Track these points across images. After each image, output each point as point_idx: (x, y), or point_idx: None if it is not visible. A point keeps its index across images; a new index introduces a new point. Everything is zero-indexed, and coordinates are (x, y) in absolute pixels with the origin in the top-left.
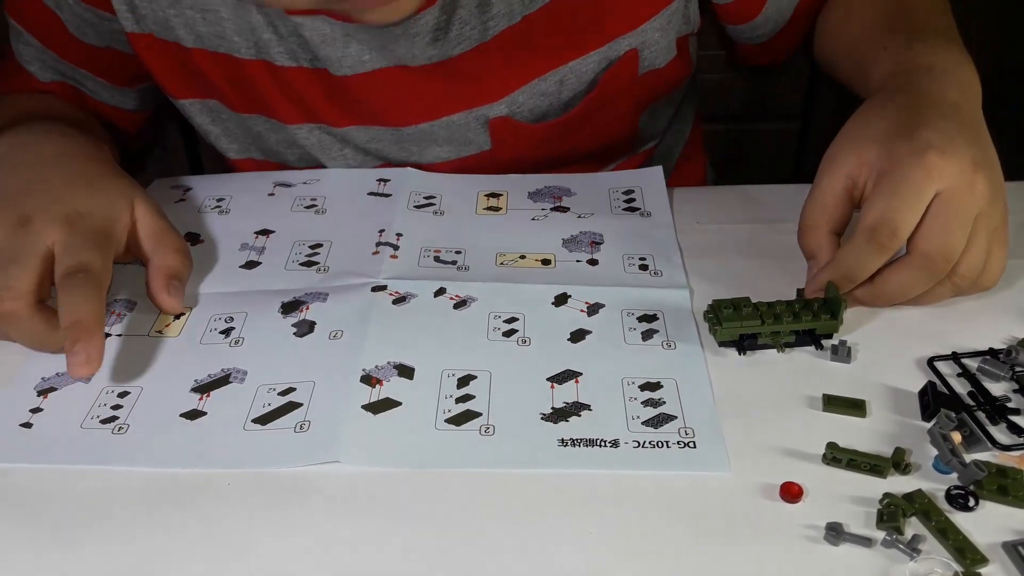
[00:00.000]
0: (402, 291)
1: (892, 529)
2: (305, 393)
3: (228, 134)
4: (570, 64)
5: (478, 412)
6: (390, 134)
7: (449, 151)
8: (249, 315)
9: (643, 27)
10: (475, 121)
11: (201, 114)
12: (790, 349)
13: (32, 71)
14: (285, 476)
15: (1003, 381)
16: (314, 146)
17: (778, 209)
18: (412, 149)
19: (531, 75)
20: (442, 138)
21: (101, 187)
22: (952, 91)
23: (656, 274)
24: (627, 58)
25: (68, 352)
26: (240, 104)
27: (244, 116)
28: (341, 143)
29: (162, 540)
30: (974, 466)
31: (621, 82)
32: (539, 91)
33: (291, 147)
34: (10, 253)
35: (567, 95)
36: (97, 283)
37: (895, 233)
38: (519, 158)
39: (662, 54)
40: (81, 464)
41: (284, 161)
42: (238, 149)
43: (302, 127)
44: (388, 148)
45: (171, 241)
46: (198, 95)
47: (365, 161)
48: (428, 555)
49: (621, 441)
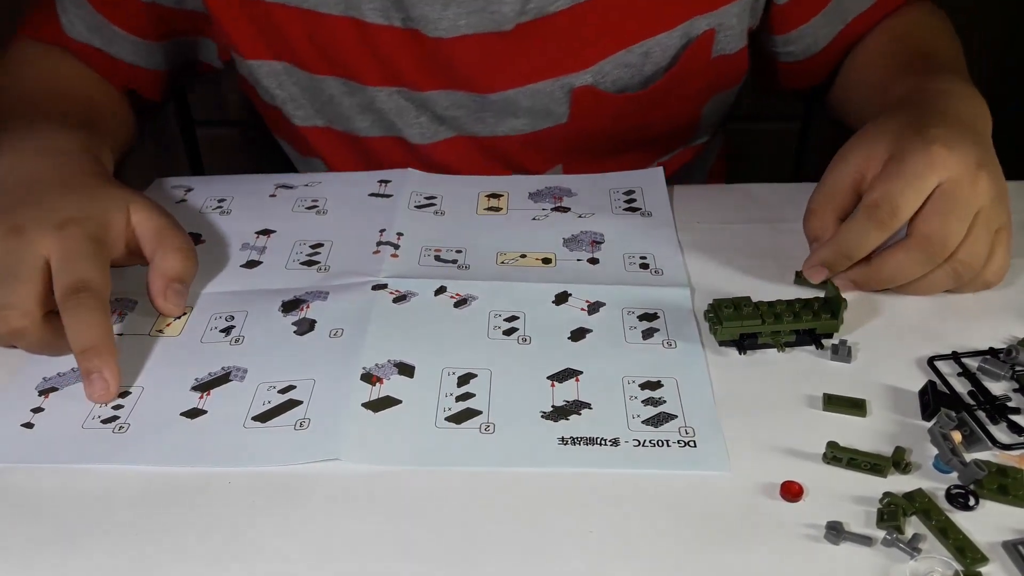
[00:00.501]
0: (402, 290)
1: (892, 528)
2: (305, 391)
3: (295, 99)
4: (656, 38)
5: (478, 410)
6: (473, 101)
7: (525, 123)
8: (249, 314)
9: (723, 9)
10: (559, 90)
11: (269, 77)
12: (790, 348)
13: (64, 23)
14: (285, 474)
15: (1003, 380)
16: (391, 110)
17: (778, 208)
18: (489, 120)
19: (619, 46)
20: (522, 108)
21: (94, 195)
22: (965, 110)
23: (657, 273)
24: (704, 37)
25: (85, 379)
26: (316, 64)
27: (318, 78)
28: (419, 109)
29: (163, 539)
30: (974, 465)
31: (697, 62)
32: (624, 62)
33: (365, 112)
34: (8, 267)
35: (650, 69)
36: (100, 301)
37: (895, 212)
38: (592, 132)
39: (734, 40)
40: (82, 464)
41: (353, 130)
42: (304, 116)
43: (382, 89)
44: (466, 117)
45: (172, 241)
46: (269, 56)
47: (438, 132)
48: (428, 553)
49: (621, 440)
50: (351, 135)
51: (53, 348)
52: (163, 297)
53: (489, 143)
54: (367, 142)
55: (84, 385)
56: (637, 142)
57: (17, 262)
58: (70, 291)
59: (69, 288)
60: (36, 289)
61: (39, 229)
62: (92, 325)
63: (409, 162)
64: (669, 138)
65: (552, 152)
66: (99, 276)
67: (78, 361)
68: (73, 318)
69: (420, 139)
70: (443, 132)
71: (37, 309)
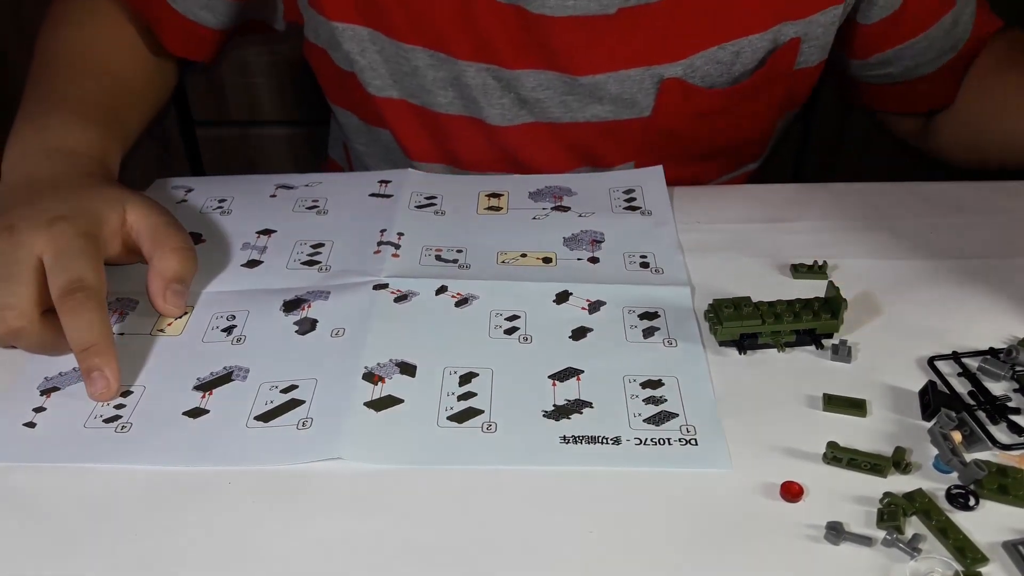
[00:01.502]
0: (403, 289)
1: (892, 528)
2: (307, 391)
3: (375, 67)
4: (748, 38)
5: (480, 409)
6: (562, 82)
7: (608, 110)
8: (251, 313)
9: (810, 19)
10: (649, 79)
11: (351, 41)
12: (790, 349)
13: None
14: (286, 474)
15: (1003, 380)
16: (476, 87)
17: (778, 208)
18: (572, 104)
19: (711, 42)
20: (609, 94)
21: (88, 194)
22: None
23: (657, 271)
24: (790, 45)
25: (86, 378)
26: (406, 32)
27: (406, 47)
28: (504, 89)
29: (165, 539)
30: (974, 465)
31: (782, 69)
32: (715, 58)
33: (448, 87)
34: (2, 267)
35: (739, 69)
36: (96, 299)
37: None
38: (670, 130)
39: (816, 52)
40: (84, 463)
41: (431, 104)
42: (381, 85)
43: (472, 64)
44: (550, 99)
45: (171, 240)
46: (357, 20)
47: (518, 115)
48: (429, 553)
49: (623, 438)
50: (427, 109)
51: (52, 347)
52: (163, 298)
53: (567, 130)
54: (443, 118)
55: (85, 384)
56: (708, 151)
57: (10, 262)
58: (66, 291)
59: (65, 287)
60: (31, 289)
61: (30, 228)
62: (90, 324)
63: (481, 143)
64: (738, 151)
65: (627, 146)
66: (93, 273)
67: (78, 360)
68: (71, 318)
69: (499, 120)
70: (523, 116)
71: (34, 309)
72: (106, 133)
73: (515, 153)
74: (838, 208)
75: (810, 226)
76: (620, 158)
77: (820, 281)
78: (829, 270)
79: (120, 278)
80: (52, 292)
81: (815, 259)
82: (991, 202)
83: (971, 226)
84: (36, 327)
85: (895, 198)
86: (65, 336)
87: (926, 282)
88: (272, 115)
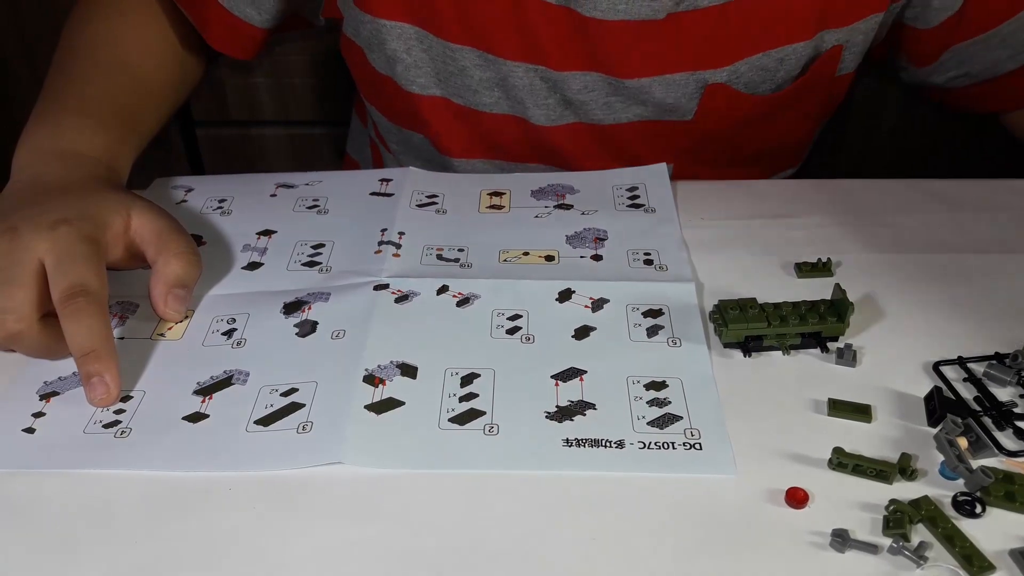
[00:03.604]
0: (404, 289)
1: (899, 536)
2: (307, 394)
3: (419, 65)
4: (793, 46)
5: (482, 411)
6: (608, 84)
7: (651, 112)
8: (251, 316)
9: (853, 26)
10: (694, 84)
11: (397, 39)
12: (795, 351)
13: None
14: (287, 479)
15: (1009, 386)
16: (523, 88)
17: (783, 204)
18: (616, 105)
19: (756, 48)
20: (653, 98)
21: (94, 198)
22: None
23: (661, 268)
24: (832, 52)
25: (86, 384)
26: (455, 31)
27: (453, 47)
28: (550, 91)
29: (165, 544)
30: (981, 472)
31: (824, 76)
32: (760, 65)
33: (494, 88)
34: (3, 270)
35: (782, 76)
36: (98, 304)
37: None
38: (711, 135)
39: (855, 59)
40: (84, 469)
41: (474, 105)
42: (424, 84)
43: (519, 65)
44: (594, 101)
45: (174, 245)
46: (404, 17)
47: (563, 116)
48: (431, 557)
49: (626, 442)
50: (470, 109)
51: (52, 352)
52: (164, 303)
53: (609, 131)
54: (485, 117)
55: (85, 389)
56: (748, 155)
57: (11, 264)
58: (67, 295)
59: (66, 292)
60: (31, 292)
61: (32, 231)
62: (91, 329)
63: (523, 141)
64: (777, 156)
65: (668, 149)
66: (95, 278)
67: (78, 365)
68: (72, 323)
69: (543, 120)
70: (567, 116)
71: (33, 313)
72: (120, 136)
73: (555, 151)
74: (842, 204)
75: (814, 222)
76: (660, 160)
77: (825, 279)
78: (833, 267)
79: (121, 282)
80: (53, 296)
81: (819, 257)
82: (994, 200)
83: (975, 223)
84: (35, 331)
85: (900, 195)
86: (65, 340)
87: (931, 281)
88: (272, 115)
